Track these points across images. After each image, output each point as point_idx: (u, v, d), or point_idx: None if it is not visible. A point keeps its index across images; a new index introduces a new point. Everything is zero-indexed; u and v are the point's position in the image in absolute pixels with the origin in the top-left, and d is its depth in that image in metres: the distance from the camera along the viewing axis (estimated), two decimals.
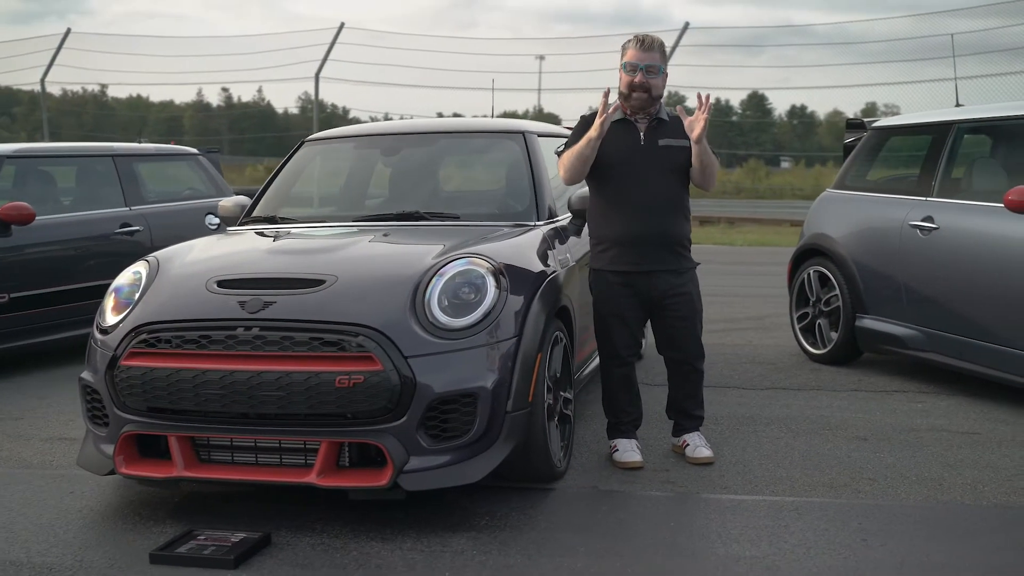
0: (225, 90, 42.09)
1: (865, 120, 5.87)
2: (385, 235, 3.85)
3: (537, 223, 4.11)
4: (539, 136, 4.61)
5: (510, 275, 3.41)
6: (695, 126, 3.64)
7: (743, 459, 3.90)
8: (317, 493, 3.37)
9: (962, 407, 4.68)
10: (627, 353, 3.87)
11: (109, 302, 3.57)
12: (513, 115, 22.45)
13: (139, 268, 3.67)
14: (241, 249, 3.84)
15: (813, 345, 5.77)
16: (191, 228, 6.75)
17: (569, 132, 3.96)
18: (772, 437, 4.20)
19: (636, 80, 3.71)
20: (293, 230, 4.13)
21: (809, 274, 5.76)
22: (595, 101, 3.72)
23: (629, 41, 3.78)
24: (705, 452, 3.86)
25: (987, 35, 15.61)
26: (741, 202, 25.72)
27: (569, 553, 2.99)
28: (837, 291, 5.51)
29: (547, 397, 3.49)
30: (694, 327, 3.87)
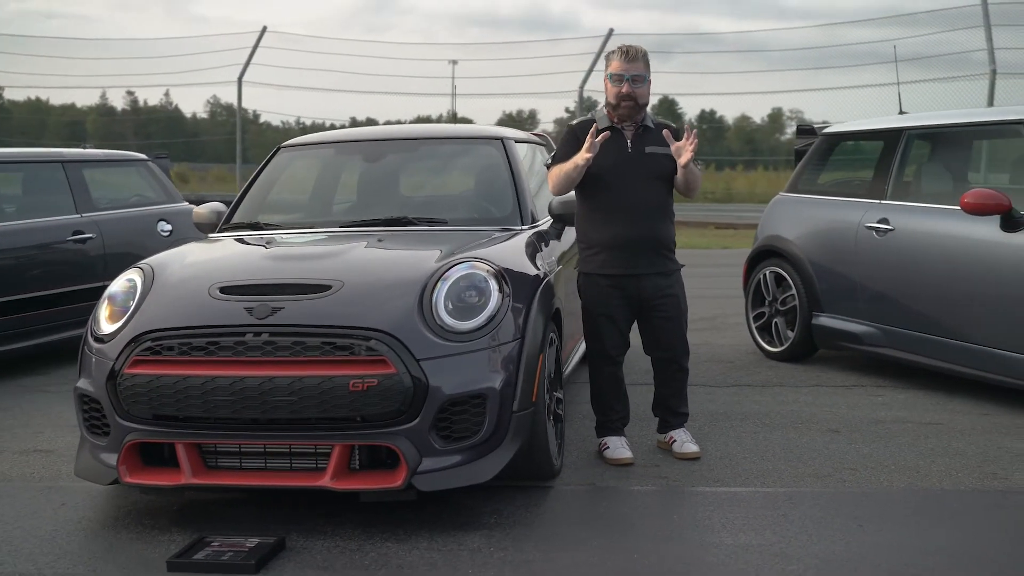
0: (130, 93, 41.01)
1: (815, 126, 6.13)
2: (380, 240, 3.88)
3: (522, 227, 4.20)
4: (516, 142, 4.71)
5: (510, 279, 3.49)
6: (682, 154, 3.79)
7: (728, 453, 4.05)
8: (319, 497, 3.40)
9: (919, 399, 4.93)
10: (616, 352, 3.98)
11: (104, 311, 3.52)
12: (427, 120, 22.45)
13: (132, 276, 3.63)
14: (237, 255, 3.83)
15: (769, 343, 5.98)
16: (143, 235, 6.66)
17: (538, 138, 4.10)
18: (750, 432, 4.37)
19: (623, 91, 3.83)
20: (281, 236, 4.13)
21: (765, 275, 5.97)
22: (508, 105, 3.88)
23: (613, 52, 3.89)
24: (692, 447, 3.98)
25: (884, 45, 16.30)
26: None
27: (582, 547, 3.08)
28: (793, 291, 5.73)
29: (546, 397, 3.57)
30: (680, 327, 4.00)
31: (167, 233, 6.78)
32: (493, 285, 3.41)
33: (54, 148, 6.73)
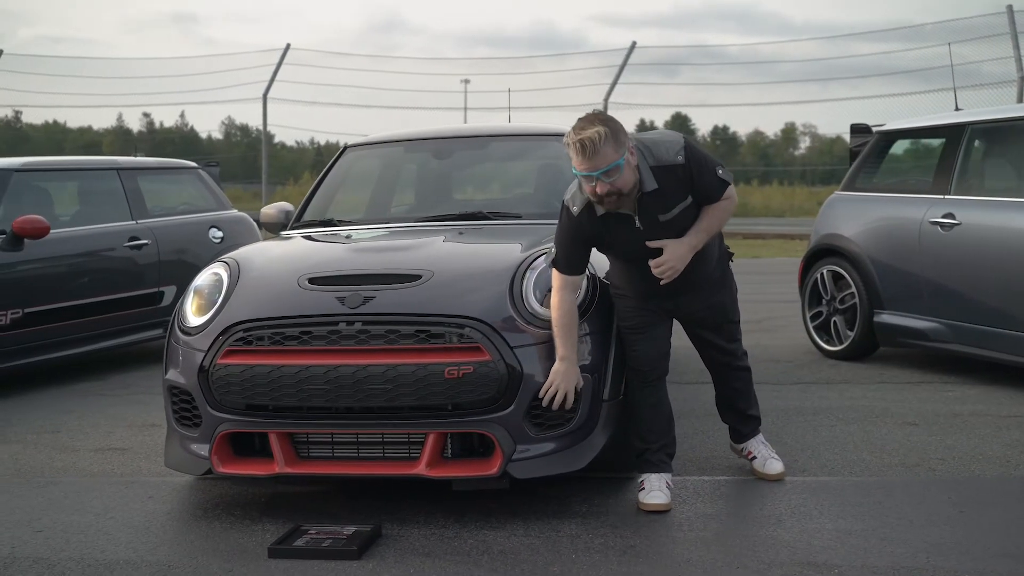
0: (146, 115, 41.39)
1: (871, 125, 6.11)
2: (460, 233, 3.89)
3: None
4: None
5: (598, 268, 3.48)
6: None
7: (808, 445, 4.01)
8: (407, 487, 3.39)
9: (992, 393, 4.88)
10: (649, 368, 3.37)
11: (191, 304, 3.53)
12: None
13: (217, 270, 3.63)
14: (323, 248, 3.84)
15: (828, 343, 5.94)
16: (195, 242, 6.70)
17: None
18: (826, 425, 4.34)
19: (598, 191, 3.07)
20: (357, 231, 4.14)
21: (822, 273, 5.95)
22: (520, 119, 3.33)
23: (568, 147, 3.08)
24: (777, 466, 3.56)
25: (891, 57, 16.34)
26: None
27: (683, 532, 3.05)
28: (853, 289, 5.69)
29: None
30: (727, 333, 3.51)
31: (218, 240, 6.81)
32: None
33: (108, 156, 6.77)
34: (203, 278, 3.63)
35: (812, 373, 5.53)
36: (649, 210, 3.18)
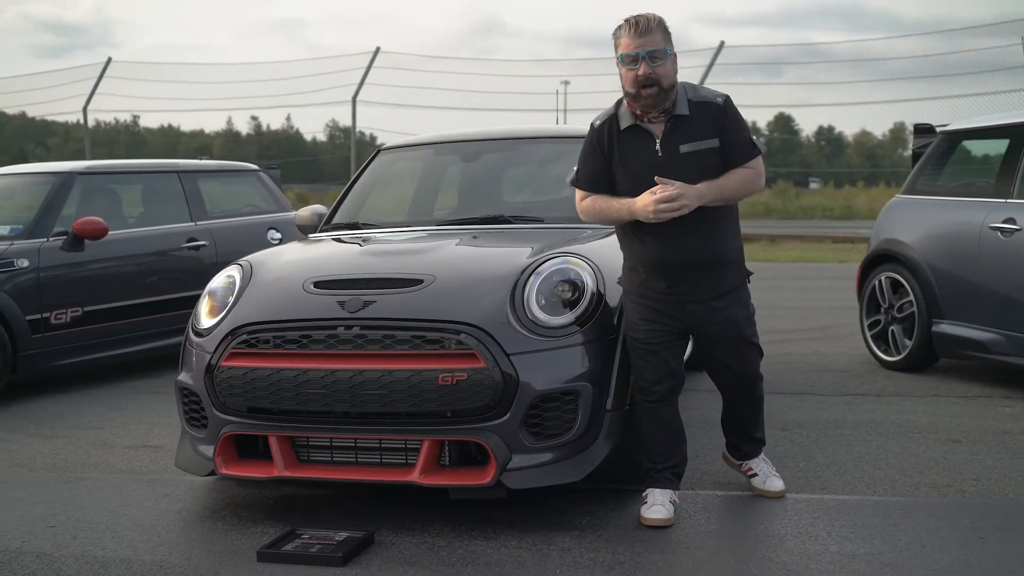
0: (254, 118, 42.63)
1: (935, 125, 5.83)
2: (474, 237, 3.85)
3: None
4: None
5: (605, 274, 3.40)
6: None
7: (836, 460, 3.84)
8: (410, 493, 3.37)
9: None
10: (656, 385, 3.23)
11: (204, 305, 3.59)
12: None
13: (232, 272, 3.69)
14: (333, 252, 3.86)
15: (886, 352, 5.70)
16: (253, 243, 6.80)
17: None
18: (862, 440, 4.14)
19: (640, 72, 3.03)
20: (377, 235, 4.15)
21: (880, 280, 5.70)
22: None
23: (620, 27, 3.10)
24: (778, 484, 3.42)
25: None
26: (774, 222, 25.61)
27: (676, 550, 2.95)
28: (911, 296, 5.44)
29: None
30: (743, 353, 3.28)
31: (277, 241, 6.93)
32: (588, 280, 3.32)
33: (170, 160, 6.98)
34: (218, 280, 3.69)
35: (864, 384, 5.30)
36: (673, 135, 3.11)
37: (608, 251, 3.62)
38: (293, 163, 29.35)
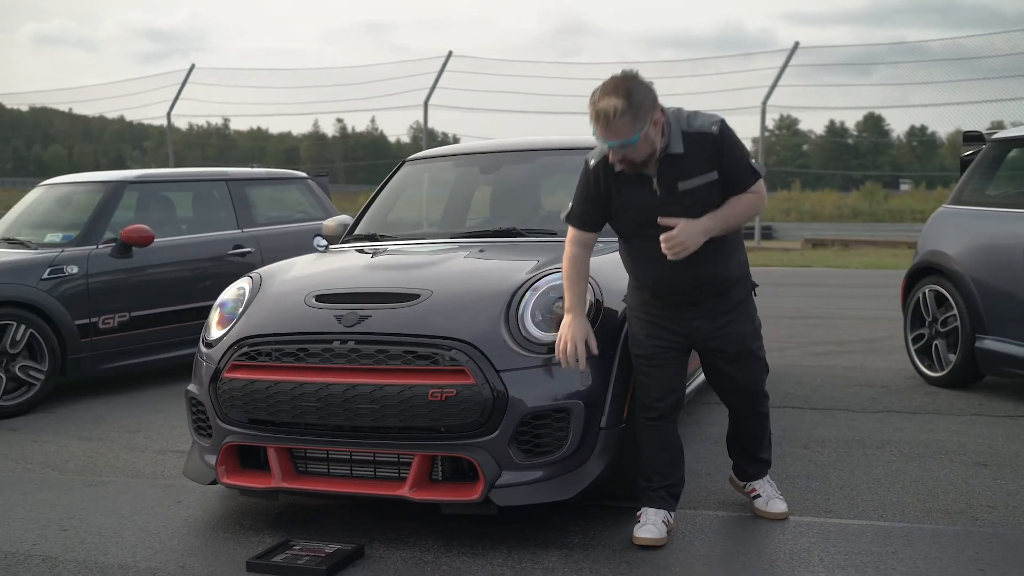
0: (340, 121, 43.39)
1: (984, 132, 5.62)
2: (481, 251, 3.86)
3: None
4: None
5: (605, 289, 3.37)
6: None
7: (850, 482, 3.73)
8: (412, 506, 3.38)
9: None
10: (657, 402, 3.20)
11: (215, 316, 3.67)
12: None
13: (243, 284, 3.77)
14: (340, 265, 3.91)
15: (930, 368, 5.51)
16: (300, 250, 6.87)
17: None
18: (883, 461, 4.02)
19: (612, 158, 3.05)
20: (392, 247, 4.19)
21: (924, 293, 5.52)
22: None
23: (589, 105, 3.01)
24: (780, 506, 3.36)
25: None
26: (858, 225, 24.97)
27: (663, 571, 2.91)
28: (955, 311, 5.25)
29: None
30: (748, 368, 3.23)
31: (323, 248, 6.99)
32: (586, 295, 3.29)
33: (219, 168, 7.15)
34: (229, 292, 3.77)
35: (902, 401, 5.13)
36: (670, 174, 3.03)
37: (610, 266, 3.58)
38: (378, 165, 29.81)
